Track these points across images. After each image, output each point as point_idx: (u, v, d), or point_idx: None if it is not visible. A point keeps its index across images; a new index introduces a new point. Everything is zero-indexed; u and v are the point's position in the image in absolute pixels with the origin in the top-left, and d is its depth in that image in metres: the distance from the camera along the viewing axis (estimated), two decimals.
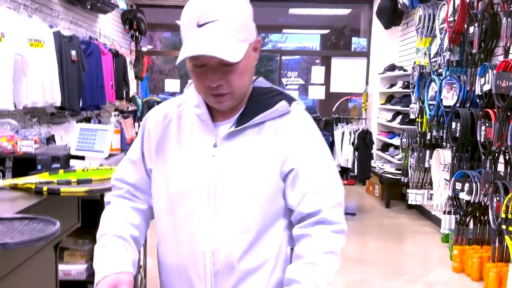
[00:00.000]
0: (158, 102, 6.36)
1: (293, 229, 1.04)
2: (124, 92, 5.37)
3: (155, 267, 1.19)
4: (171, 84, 7.12)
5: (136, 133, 5.88)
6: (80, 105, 3.93)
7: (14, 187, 1.71)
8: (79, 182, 1.74)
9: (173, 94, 6.81)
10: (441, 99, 3.92)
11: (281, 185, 1.02)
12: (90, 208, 2.01)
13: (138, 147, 1.12)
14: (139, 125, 6.20)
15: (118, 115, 4.80)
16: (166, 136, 1.07)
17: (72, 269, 2.33)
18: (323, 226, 1.01)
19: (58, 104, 3.48)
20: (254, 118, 1.02)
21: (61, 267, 2.11)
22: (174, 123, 1.07)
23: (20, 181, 1.73)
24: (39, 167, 2.09)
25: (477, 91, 3.42)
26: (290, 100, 1.05)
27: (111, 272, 0.99)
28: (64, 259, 2.32)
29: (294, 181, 1.02)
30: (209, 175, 1.01)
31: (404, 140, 5.00)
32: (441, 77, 4.01)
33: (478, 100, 3.48)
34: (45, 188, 1.66)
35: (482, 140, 3.30)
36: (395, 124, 5.60)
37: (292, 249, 1.05)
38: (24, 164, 2.26)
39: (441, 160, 4.12)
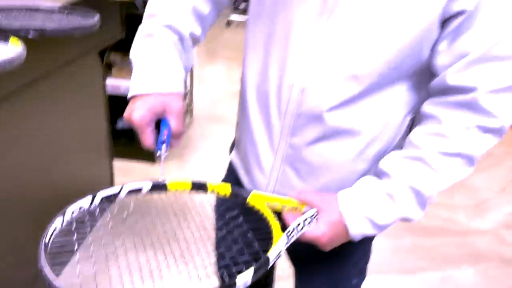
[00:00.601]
0: None
1: (425, 102, 0.72)
2: None
3: (201, 94, 1.01)
4: None
5: None
6: None
7: None
8: None
9: None
10: None
11: (434, 34, 0.66)
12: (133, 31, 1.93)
13: None
14: None
15: None
16: None
17: (121, 85, 2.37)
18: (469, 115, 0.66)
19: None
20: None
21: (109, 81, 2.14)
22: None
23: None
24: None
25: None
26: None
27: (156, 90, 0.70)
28: (112, 74, 2.35)
29: (457, 31, 0.64)
30: None
31: None
32: None
33: None
34: None
35: None
36: None
37: (412, 121, 0.75)
38: None
39: None
